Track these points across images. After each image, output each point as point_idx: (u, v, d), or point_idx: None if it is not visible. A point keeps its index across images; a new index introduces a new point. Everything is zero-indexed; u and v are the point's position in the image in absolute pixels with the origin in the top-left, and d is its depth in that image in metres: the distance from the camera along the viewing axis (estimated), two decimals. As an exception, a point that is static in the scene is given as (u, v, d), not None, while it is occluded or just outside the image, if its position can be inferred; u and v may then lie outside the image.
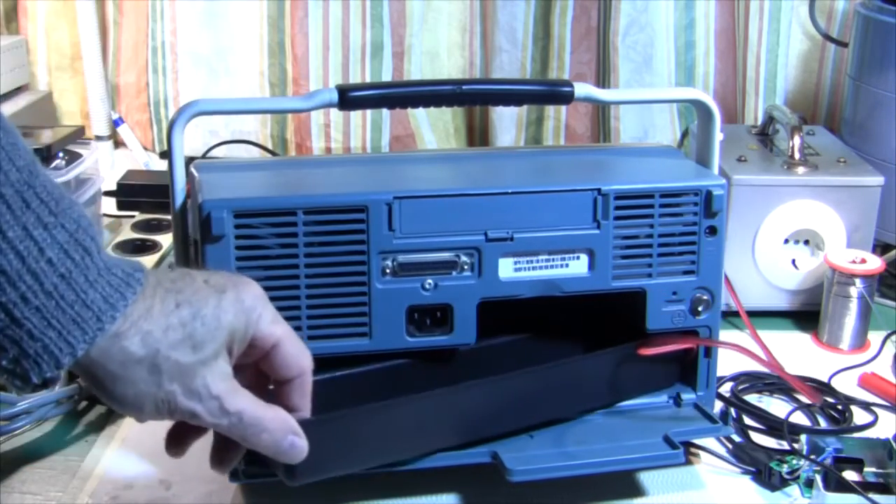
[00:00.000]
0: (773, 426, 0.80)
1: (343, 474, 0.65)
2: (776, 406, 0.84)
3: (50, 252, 0.49)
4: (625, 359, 0.73)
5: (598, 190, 0.70)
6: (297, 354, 0.58)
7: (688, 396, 0.76)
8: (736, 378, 0.85)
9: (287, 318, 0.66)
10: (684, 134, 1.23)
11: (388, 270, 0.68)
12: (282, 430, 0.57)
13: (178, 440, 0.61)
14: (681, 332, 0.74)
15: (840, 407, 0.83)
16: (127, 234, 1.12)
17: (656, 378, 0.76)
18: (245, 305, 0.55)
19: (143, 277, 0.52)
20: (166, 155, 0.68)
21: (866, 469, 0.73)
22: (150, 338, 0.51)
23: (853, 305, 0.92)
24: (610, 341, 0.74)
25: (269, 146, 1.33)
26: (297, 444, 0.58)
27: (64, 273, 0.49)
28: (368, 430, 0.65)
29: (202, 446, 0.72)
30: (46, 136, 1.06)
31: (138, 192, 1.17)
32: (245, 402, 0.55)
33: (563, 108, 1.29)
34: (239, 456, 0.62)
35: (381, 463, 0.66)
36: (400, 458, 0.67)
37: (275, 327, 0.56)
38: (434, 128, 1.33)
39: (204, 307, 0.53)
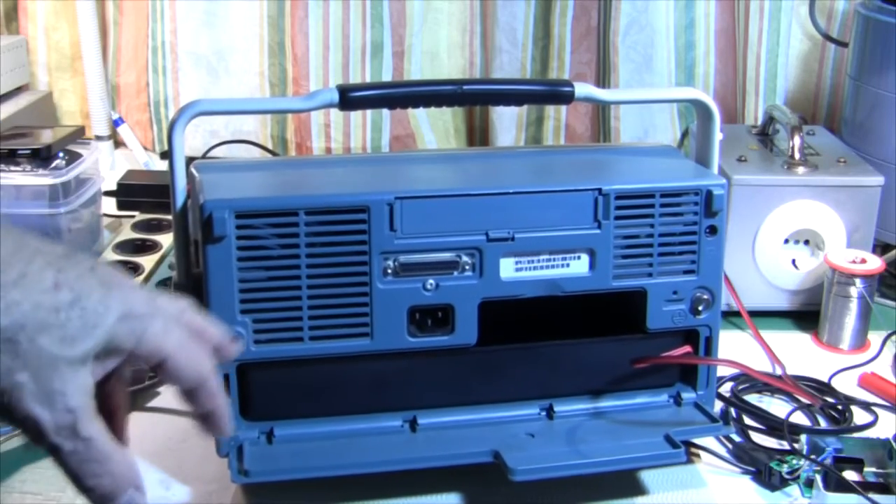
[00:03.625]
0: (773, 426, 0.80)
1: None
2: (776, 406, 0.84)
3: None
4: (621, 351, 0.74)
5: (599, 190, 0.70)
6: (190, 366, 0.48)
7: (688, 396, 0.76)
8: (736, 378, 0.85)
9: (288, 319, 0.67)
10: (684, 134, 1.23)
11: (389, 270, 0.68)
12: (126, 478, 0.48)
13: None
14: (679, 334, 0.74)
15: (840, 407, 0.83)
16: (127, 234, 1.12)
17: (656, 375, 0.76)
18: (134, 312, 0.46)
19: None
20: (166, 155, 0.69)
21: (866, 469, 0.73)
22: (17, 309, 0.42)
23: (853, 305, 0.92)
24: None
25: (270, 146, 1.33)
26: (135, 502, 0.48)
27: None
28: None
29: (202, 446, 0.73)
30: (46, 136, 1.06)
31: (138, 192, 1.17)
32: (99, 431, 0.46)
33: (563, 108, 1.29)
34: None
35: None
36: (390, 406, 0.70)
37: (164, 341, 0.47)
38: (434, 128, 1.33)
39: (86, 298, 0.44)
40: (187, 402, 0.50)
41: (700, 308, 0.74)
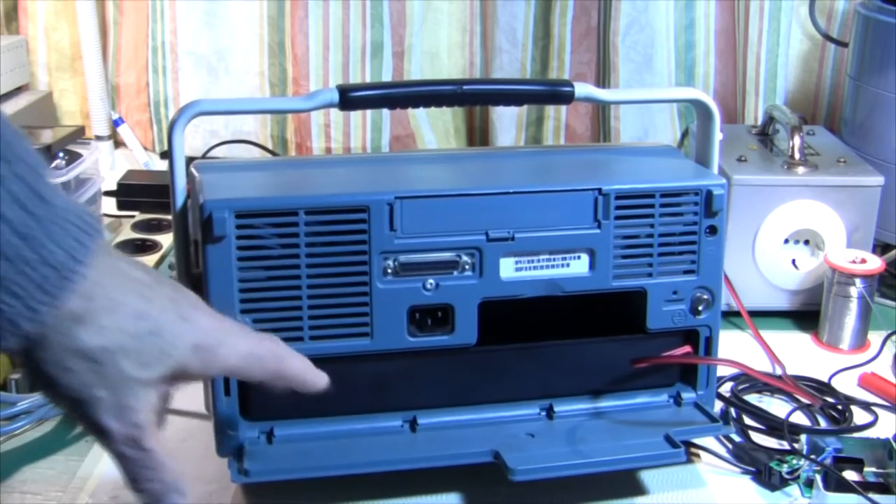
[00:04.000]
0: (773, 426, 0.80)
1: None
2: (776, 406, 0.84)
3: (24, 204, 0.44)
4: (621, 351, 0.74)
5: (599, 190, 0.70)
6: (261, 369, 0.56)
7: (688, 395, 0.76)
8: (736, 378, 0.85)
9: (288, 319, 0.67)
10: (684, 134, 1.23)
11: (389, 270, 0.68)
12: (173, 485, 0.53)
13: None
14: (679, 334, 0.74)
15: (840, 407, 0.83)
16: (127, 234, 1.12)
17: (656, 375, 0.76)
18: (203, 344, 0.52)
19: (96, 249, 0.47)
20: (166, 155, 0.69)
21: (866, 469, 0.73)
22: (105, 333, 0.47)
23: (853, 305, 0.92)
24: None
25: (269, 146, 1.33)
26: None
27: (25, 233, 0.44)
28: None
29: (202, 446, 0.73)
30: (46, 136, 1.06)
31: (138, 192, 1.17)
32: (157, 444, 0.51)
33: (563, 108, 1.29)
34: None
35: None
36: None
37: (227, 362, 0.54)
38: (434, 128, 1.33)
39: (164, 328, 0.50)
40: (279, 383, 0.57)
41: (700, 308, 0.74)
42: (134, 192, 1.17)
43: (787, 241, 0.97)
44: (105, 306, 0.48)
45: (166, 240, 1.10)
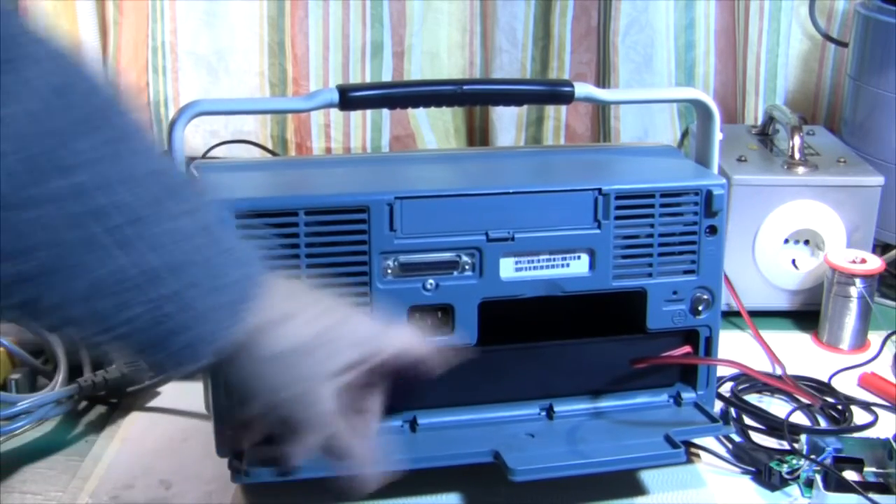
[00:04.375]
0: (773, 426, 0.80)
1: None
2: (776, 406, 0.84)
3: (199, 239, 0.49)
4: (622, 351, 0.74)
5: (599, 190, 0.70)
6: (419, 355, 0.60)
7: (688, 395, 0.76)
8: (736, 378, 0.85)
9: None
10: (684, 134, 1.23)
11: (389, 270, 0.68)
12: (366, 460, 0.59)
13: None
14: (679, 334, 0.74)
15: (840, 407, 0.83)
16: (127, 234, 1.12)
17: (656, 376, 0.76)
18: (367, 336, 0.58)
19: (270, 264, 0.54)
20: (166, 155, 0.68)
21: (866, 469, 0.73)
22: (300, 333, 0.54)
23: (853, 305, 0.92)
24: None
25: (269, 146, 1.33)
26: (372, 476, 0.59)
27: (211, 257, 0.50)
28: None
29: (202, 446, 0.73)
30: (47, 136, 1.06)
31: (138, 192, 1.17)
32: (344, 428, 0.57)
33: (563, 108, 1.28)
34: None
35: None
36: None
37: (387, 353, 0.58)
38: (434, 128, 1.33)
39: (336, 328, 0.56)
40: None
41: (700, 308, 0.74)
42: (134, 192, 1.17)
43: (787, 241, 0.97)
44: (282, 317, 0.53)
45: (166, 240, 1.09)
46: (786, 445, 0.76)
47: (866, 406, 0.83)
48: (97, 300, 0.47)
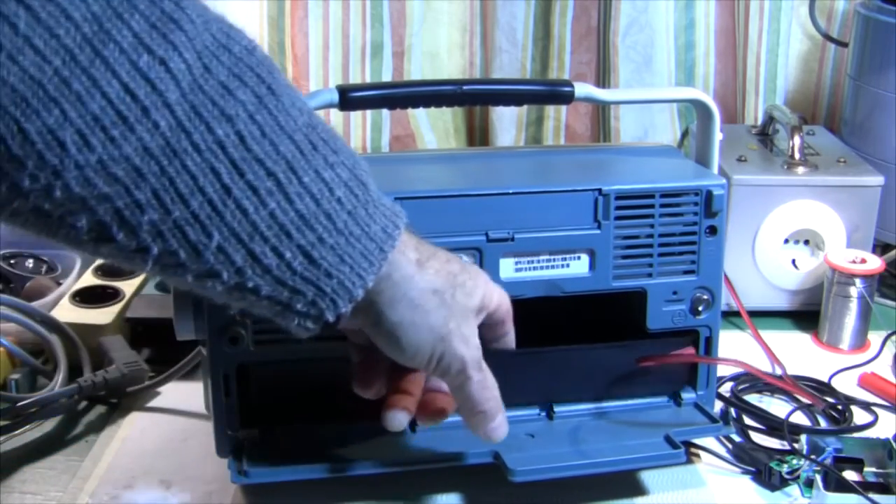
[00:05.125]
0: (773, 426, 0.80)
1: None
2: (776, 406, 0.84)
3: (339, 191, 0.51)
4: (626, 356, 0.73)
5: (599, 190, 0.70)
6: (506, 308, 0.64)
7: (688, 396, 0.76)
8: (736, 378, 0.85)
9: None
10: (684, 134, 1.23)
11: (388, 270, 0.68)
12: (500, 404, 0.62)
13: (366, 379, 0.63)
14: (681, 334, 0.74)
15: (840, 407, 0.83)
16: (127, 234, 1.11)
17: (659, 380, 0.76)
18: (487, 279, 0.61)
19: (402, 212, 0.56)
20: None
21: (866, 469, 0.73)
22: (439, 275, 0.56)
23: (853, 305, 0.92)
24: (610, 341, 0.74)
25: (269, 146, 1.33)
26: (503, 423, 0.62)
27: (351, 210, 0.51)
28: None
29: (202, 446, 0.73)
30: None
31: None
32: (487, 366, 0.60)
33: (563, 108, 1.28)
34: (382, 378, 0.64)
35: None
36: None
37: (498, 298, 0.62)
38: (434, 128, 1.33)
39: (464, 269, 0.59)
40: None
41: (700, 308, 0.74)
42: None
43: (787, 241, 0.97)
44: (424, 258, 0.56)
45: (166, 240, 1.09)
46: (786, 445, 0.76)
47: (866, 406, 0.83)
48: (256, 243, 0.49)
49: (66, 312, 0.90)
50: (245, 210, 0.48)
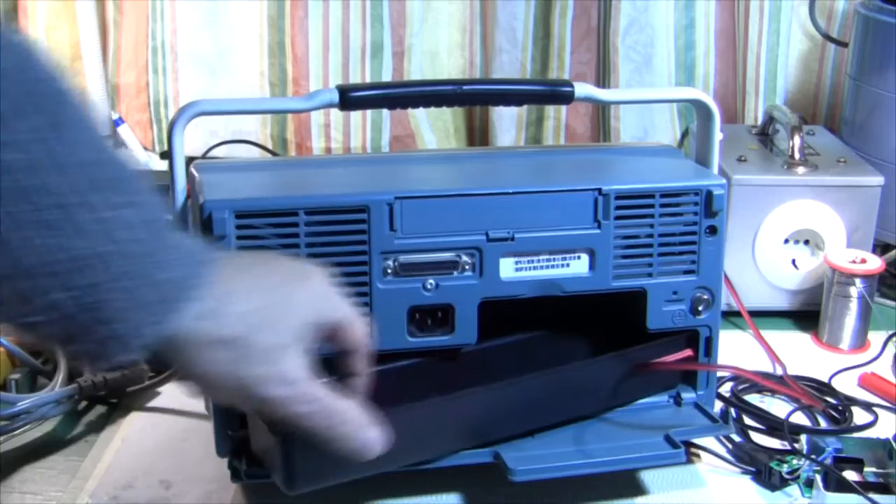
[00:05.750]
0: (774, 426, 0.80)
1: (341, 481, 0.64)
2: (776, 406, 0.84)
3: (121, 233, 0.48)
4: (629, 363, 0.73)
5: (599, 190, 0.70)
6: (364, 330, 0.59)
7: (688, 396, 0.76)
8: (736, 378, 0.85)
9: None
10: (684, 134, 1.23)
11: (389, 271, 0.68)
12: (359, 422, 0.57)
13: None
14: (682, 334, 0.74)
15: (840, 407, 0.83)
16: (127, 234, 1.12)
17: (659, 380, 0.76)
18: (318, 295, 0.56)
19: (219, 257, 0.52)
20: (166, 155, 0.68)
21: (866, 469, 0.73)
22: (234, 320, 0.52)
23: (853, 305, 0.92)
24: (611, 341, 0.74)
25: (269, 146, 1.33)
26: (374, 437, 0.57)
27: (134, 255, 0.48)
28: None
29: (202, 446, 0.73)
30: (46, 136, 1.06)
31: (138, 192, 1.17)
32: (323, 391, 0.55)
33: (563, 108, 1.29)
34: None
35: (380, 470, 0.65)
36: (402, 463, 0.66)
37: (344, 312, 0.58)
38: (434, 128, 1.33)
39: (280, 297, 0.54)
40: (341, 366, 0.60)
41: (700, 308, 0.74)
42: (134, 192, 1.17)
43: (787, 241, 0.97)
44: (225, 298, 0.52)
45: (166, 240, 1.09)
46: (786, 445, 0.76)
47: (866, 406, 0.83)
48: (21, 280, 0.46)
49: (66, 312, 0.90)
50: (6, 242, 0.45)
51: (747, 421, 0.81)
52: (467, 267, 0.69)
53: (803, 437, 0.76)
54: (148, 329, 0.49)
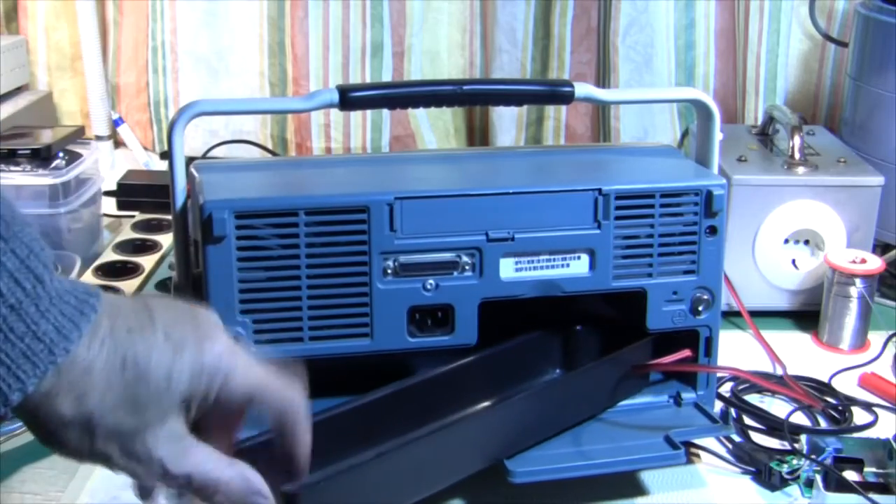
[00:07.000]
0: (774, 426, 0.80)
1: None
2: (776, 406, 0.84)
3: (4, 279, 0.44)
4: (624, 364, 0.73)
5: (599, 190, 0.70)
6: (278, 403, 0.52)
7: (688, 396, 0.76)
8: (736, 378, 0.85)
9: (288, 319, 0.67)
10: (684, 134, 1.23)
11: (389, 271, 0.68)
12: (240, 491, 0.51)
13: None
14: (681, 334, 0.74)
15: (840, 407, 0.83)
16: (127, 234, 1.12)
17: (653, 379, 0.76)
18: (206, 366, 0.49)
19: (98, 304, 0.48)
20: (166, 155, 0.68)
21: (866, 469, 0.73)
22: (85, 399, 0.46)
23: (853, 305, 0.92)
24: (610, 341, 0.74)
25: (269, 146, 1.33)
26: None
27: (14, 304, 0.44)
28: (368, 483, 0.61)
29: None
30: (46, 136, 1.06)
31: (138, 192, 1.17)
32: (195, 463, 0.50)
33: (563, 108, 1.29)
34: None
35: None
36: (411, 500, 0.64)
37: (244, 383, 0.50)
38: (434, 128, 1.33)
39: (154, 369, 0.48)
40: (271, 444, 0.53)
41: (700, 308, 0.74)
42: (134, 192, 1.17)
43: (787, 241, 0.97)
44: (79, 373, 0.46)
45: (166, 240, 1.10)
46: (786, 445, 0.76)
47: (866, 406, 0.83)
48: None
49: (66, 312, 0.89)
50: None
51: (747, 421, 0.81)
52: (467, 267, 0.69)
53: (803, 437, 0.76)
54: (30, 379, 0.45)
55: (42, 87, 1.37)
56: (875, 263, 0.91)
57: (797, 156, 0.98)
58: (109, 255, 1.06)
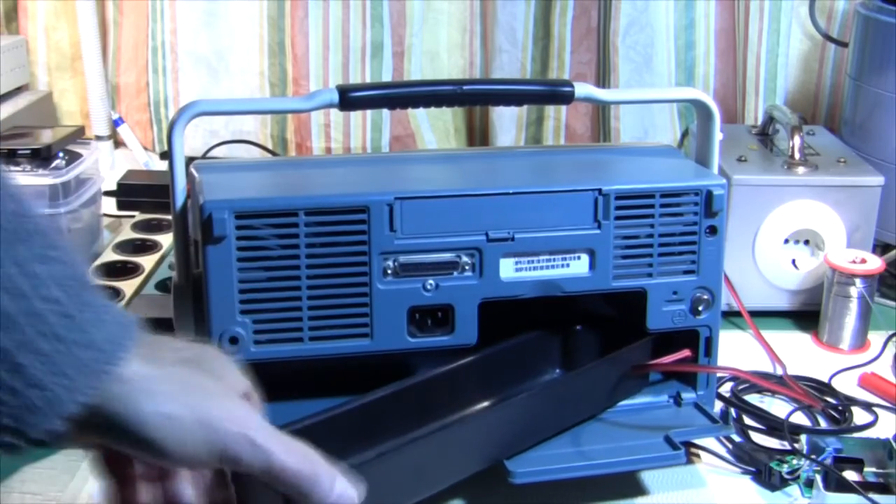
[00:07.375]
0: (774, 426, 0.80)
1: None
2: (776, 406, 0.84)
3: (53, 290, 0.43)
4: (624, 364, 0.73)
5: (599, 190, 0.70)
6: (297, 477, 0.49)
7: (688, 396, 0.76)
8: (736, 378, 0.85)
9: (288, 319, 0.67)
10: (684, 134, 1.23)
11: (389, 271, 0.68)
12: (330, 475, 0.50)
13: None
14: (680, 334, 0.74)
15: (840, 407, 0.83)
16: (127, 234, 1.12)
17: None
18: (217, 436, 0.47)
19: (134, 321, 0.47)
20: (166, 155, 0.68)
21: (866, 469, 0.73)
22: (151, 417, 0.45)
23: (853, 305, 0.92)
24: (610, 341, 0.74)
25: (269, 146, 1.33)
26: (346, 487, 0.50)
27: (68, 312, 0.43)
28: (367, 483, 0.57)
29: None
30: (46, 136, 1.06)
31: (138, 192, 1.17)
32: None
33: (563, 108, 1.29)
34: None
35: None
36: (409, 500, 0.64)
37: (259, 457, 0.48)
38: (434, 128, 1.33)
39: (202, 415, 0.47)
40: None
41: (700, 308, 0.74)
42: (134, 192, 1.17)
43: (787, 241, 0.97)
44: (143, 389, 0.45)
45: (166, 240, 1.09)
46: (786, 445, 0.76)
47: (866, 406, 0.83)
48: None
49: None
50: None
51: (747, 421, 0.81)
52: (467, 267, 0.69)
53: (803, 437, 0.76)
54: (87, 389, 0.43)
55: (42, 87, 1.37)
56: (875, 263, 0.91)
57: (797, 156, 0.98)
58: (109, 255, 1.06)
